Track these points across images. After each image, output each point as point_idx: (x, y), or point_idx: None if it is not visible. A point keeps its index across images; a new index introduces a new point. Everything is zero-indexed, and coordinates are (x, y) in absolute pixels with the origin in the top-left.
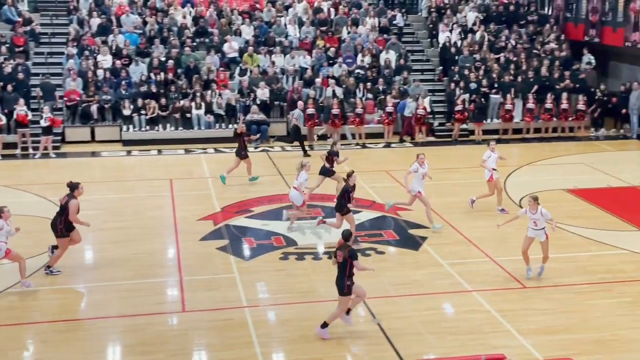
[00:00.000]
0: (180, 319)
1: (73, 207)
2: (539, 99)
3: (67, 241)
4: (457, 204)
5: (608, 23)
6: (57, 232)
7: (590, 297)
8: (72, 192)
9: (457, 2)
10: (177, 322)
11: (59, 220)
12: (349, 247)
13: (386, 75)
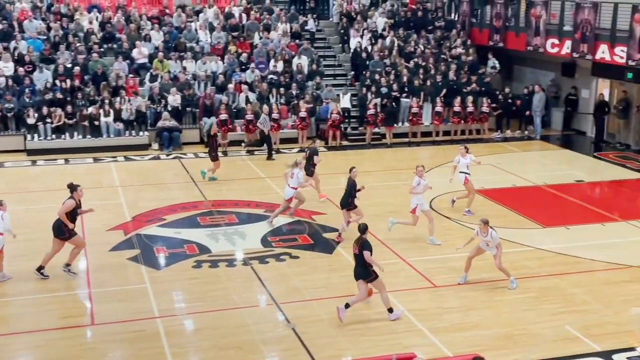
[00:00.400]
0: (90, 332)
1: (65, 206)
2: (447, 103)
3: (63, 244)
4: (370, 206)
5: (511, 28)
6: (62, 234)
7: (498, 293)
8: (72, 193)
9: (367, 8)
10: (87, 335)
11: (63, 224)
12: (362, 240)
13: (299, 80)
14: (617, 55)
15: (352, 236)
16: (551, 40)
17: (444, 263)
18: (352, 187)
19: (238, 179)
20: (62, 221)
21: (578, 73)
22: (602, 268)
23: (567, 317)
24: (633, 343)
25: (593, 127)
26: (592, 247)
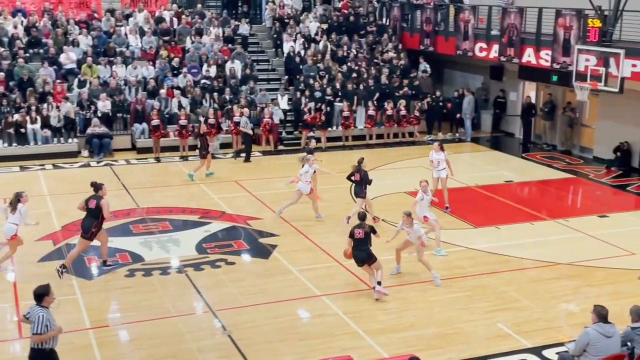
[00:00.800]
0: (18, 345)
1: (107, 206)
2: (380, 106)
3: (88, 244)
4: (307, 209)
5: (441, 33)
6: (87, 234)
7: (432, 294)
8: (97, 192)
9: (300, 12)
10: (14, 349)
11: (94, 224)
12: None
13: (232, 85)
14: (542, 59)
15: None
16: (479, 45)
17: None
18: (365, 177)
19: (172, 185)
20: (96, 222)
21: (506, 76)
22: (531, 266)
23: (499, 315)
24: (562, 338)
25: (521, 129)
26: (521, 246)
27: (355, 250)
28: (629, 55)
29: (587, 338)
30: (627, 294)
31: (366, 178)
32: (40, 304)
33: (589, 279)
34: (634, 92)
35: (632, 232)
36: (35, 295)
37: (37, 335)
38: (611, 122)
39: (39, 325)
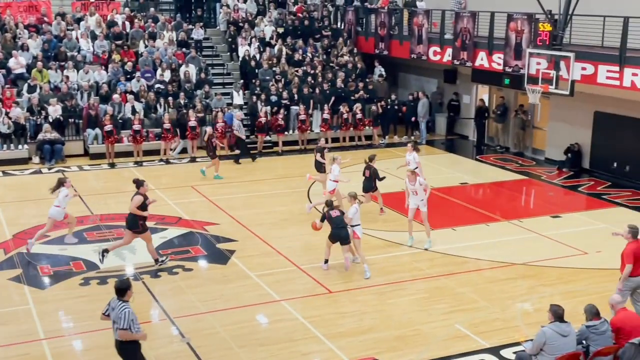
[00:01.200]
0: None
1: (135, 201)
2: (335, 110)
3: (149, 234)
4: (264, 214)
5: (395, 37)
6: (137, 228)
7: (391, 296)
8: (139, 188)
9: (254, 16)
10: None
11: (137, 217)
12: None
13: (187, 89)
14: (494, 62)
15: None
16: (433, 48)
17: (338, 269)
18: (375, 174)
19: (127, 192)
20: (136, 215)
21: (459, 80)
22: (487, 267)
23: (457, 316)
24: (519, 338)
25: (474, 132)
26: (477, 247)
27: (336, 229)
28: (579, 58)
29: (544, 337)
30: (580, 293)
31: (376, 174)
32: (122, 298)
33: (543, 278)
34: (584, 95)
35: (584, 232)
36: (117, 289)
37: (123, 331)
38: (562, 124)
39: (125, 321)
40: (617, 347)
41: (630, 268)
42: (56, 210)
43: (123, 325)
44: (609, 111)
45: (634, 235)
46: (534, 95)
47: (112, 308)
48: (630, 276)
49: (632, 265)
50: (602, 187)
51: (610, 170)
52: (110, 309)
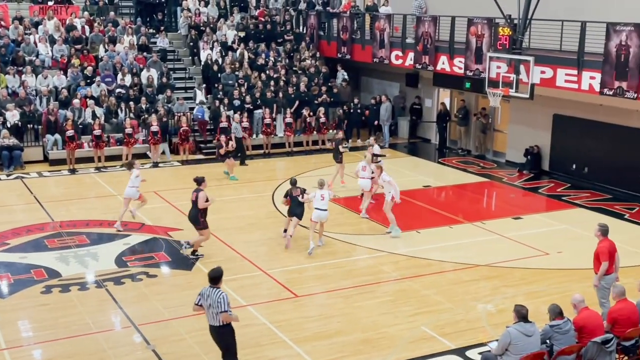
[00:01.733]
0: None
1: (202, 198)
2: (299, 114)
3: (208, 231)
4: (228, 220)
5: (357, 41)
6: (199, 224)
7: (356, 299)
8: (199, 185)
9: (216, 20)
10: None
11: (199, 213)
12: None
13: (149, 94)
14: (455, 66)
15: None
16: (395, 52)
17: (304, 273)
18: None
19: (88, 198)
20: (200, 211)
21: (421, 83)
22: (451, 269)
23: (422, 317)
24: (483, 339)
25: (436, 135)
26: (441, 249)
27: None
28: (538, 62)
29: (509, 337)
30: (542, 293)
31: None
32: (216, 286)
33: (506, 279)
34: (543, 98)
35: (545, 233)
36: (212, 278)
37: (225, 314)
38: (522, 126)
39: (225, 304)
40: (580, 346)
41: (607, 265)
42: (132, 191)
43: (224, 308)
44: (567, 114)
45: (603, 233)
46: (495, 98)
47: (205, 296)
48: (612, 273)
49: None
50: (562, 188)
51: (569, 172)
52: (203, 298)
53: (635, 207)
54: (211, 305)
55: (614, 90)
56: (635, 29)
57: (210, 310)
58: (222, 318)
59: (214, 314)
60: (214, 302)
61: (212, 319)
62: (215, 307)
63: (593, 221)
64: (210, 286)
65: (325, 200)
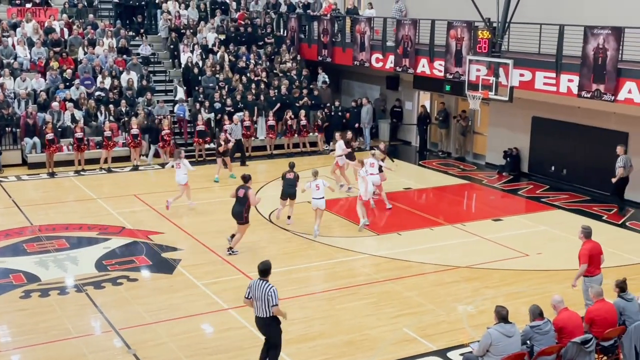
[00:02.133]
0: None
1: (252, 195)
2: (280, 117)
3: (247, 226)
4: (209, 222)
5: (338, 44)
6: (242, 219)
7: (340, 301)
8: (247, 182)
9: (196, 22)
10: None
11: (244, 209)
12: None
13: (129, 96)
14: (436, 69)
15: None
16: (376, 55)
17: (285, 275)
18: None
19: (67, 201)
20: (244, 207)
21: (401, 86)
22: (432, 270)
23: (405, 319)
24: (464, 340)
25: (417, 137)
26: (422, 251)
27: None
28: (517, 65)
29: (490, 338)
30: (522, 294)
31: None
32: (265, 278)
33: (487, 280)
34: (522, 100)
35: (525, 235)
36: (262, 270)
37: (276, 307)
38: (501, 129)
39: (276, 298)
40: (559, 347)
41: (585, 267)
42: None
43: (275, 302)
44: (546, 116)
45: (586, 235)
46: (474, 101)
47: (254, 289)
48: (591, 275)
49: (588, 264)
50: (541, 190)
51: (548, 174)
52: (252, 290)
53: (613, 208)
54: (260, 298)
55: (591, 92)
56: (612, 32)
57: (258, 302)
58: (274, 311)
59: (263, 306)
60: (264, 295)
61: (260, 311)
62: (265, 301)
63: (572, 223)
64: (259, 279)
65: (321, 190)
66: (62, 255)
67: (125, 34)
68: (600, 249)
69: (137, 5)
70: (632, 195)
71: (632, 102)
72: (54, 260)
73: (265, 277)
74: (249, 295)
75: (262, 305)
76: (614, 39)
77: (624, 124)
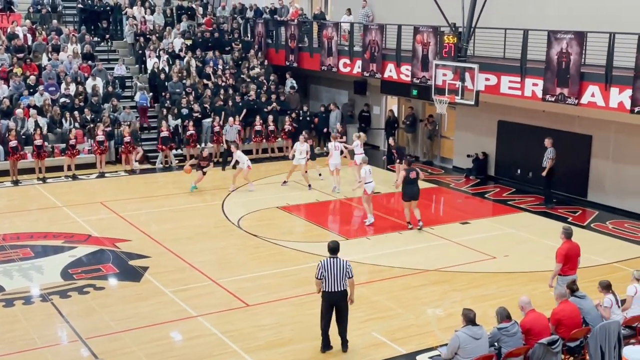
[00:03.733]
0: None
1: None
2: (249, 122)
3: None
4: (177, 229)
5: (305, 49)
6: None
7: (308, 307)
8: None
9: (163, 28)
10: None
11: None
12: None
13: (94, 103)
14: (403, 74)
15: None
16: (343, 60)
17: (255, 281)
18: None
19: (32, 210)
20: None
21: (369, 91)
22: (401, 274)
23: (374, 324)
24: (433, 343)
25: (385, 142)
26: (391, 255)
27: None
28: (483, 69)
29: (458, 341)
30: (490, 296)
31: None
32: (336, 256)
33: (455, 283)
34: (488, 104)
35: (492, 237)
36: (332, 249)
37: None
38: (468, 133)
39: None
40: (527, 348)
41: (559, 267)
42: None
43: (352, 274)
44: (511, 120)
45: (567, 236)
46: (441, 105)
47: (327, 267)
48: (564, 274)
49: (563, 264)
50: (507, 193)
51: (514, 177)
52: (324, 269)
53: (578, 210)
54: (335, 273)
55: (555, 96)
56: (575, 36)
57: (332, 278)
58: (350, 283)
59: (338, 280)
60: (342, 269)
61: (334, 286)
62: (345, 275)
63: (538, 225)
64: (330, 257)
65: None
66: (27, 265)
67: (90, 39)
68: (578, 250)
69: (101, 10)
70: (595, 197)
71: (595, 106)
72: (18, 269)
73: (335, 254)
74: (321, 275)
75: (337, 279)
76: (577, 43)
77: (588, 127)
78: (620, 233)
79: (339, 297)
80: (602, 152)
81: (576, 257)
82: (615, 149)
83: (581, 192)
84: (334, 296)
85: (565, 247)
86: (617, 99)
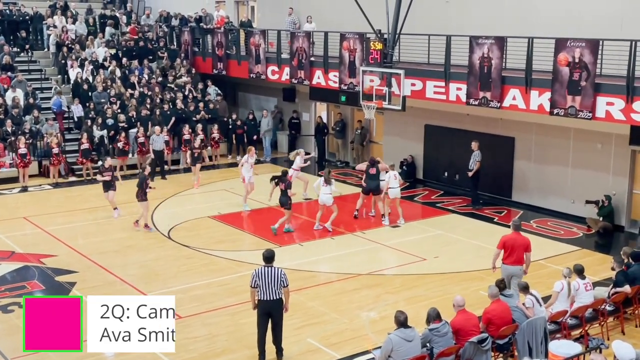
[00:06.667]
0: None
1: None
2: (177, 131)
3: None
4: (105, 242)
5: (232, 57)
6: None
7: (242, 316)
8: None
9: (85, 37)
10: None
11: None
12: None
13: (15, 115)
14: (331, 80)
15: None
16: (271, 68)
17: (187, 293)
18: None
19: None
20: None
21: (298, 98)
22: (335, 279)
23: (308, 329)
24: (368, 347)
25: (316, 148)
26: (324, 260)
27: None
28: (408, 75)
29: (391, 344)
30: (422, 297)
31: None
32: (271, 264)
33: (388, 286)
34: (415, 109)
35: (422, 240)
36: (267, 257)
37: (287, 288)
38: (396, 138)
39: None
40: (458, 347)
41: (497, 252)
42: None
43: (288, 283)
44: (438, 124)
45: (514, 228)
46: (369, 111)
47: (261, 275)
48: (504, 263)
49: (503, 252)
50: (436, 195)
51: (441, 180)
52: (258, 278)
53: (504, 210)
54: (270, 282)
55: (479, 100)
56: (495, 41)
57: (267, 287)
58: (285, 292)
59: (273, 289)
60: (276, 278)
61: (268, 295)
62: (280, 284)
63: (466, 226)
64: (264, 266)
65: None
66: None
67: (9, 50)
68: (522, 242)
69: (20, 20)
70: (519, 197)
71: (517, 108)
72: None
73: (270, 263)
74: (255, 284)
75: (272, 288)
76: (498, 48)
77: (511, 129)
78: (543, 231)
79: (273, 305)
80: (524, 154)
81: (518, 247)
82: (536, 150)
83: (506, 193)
84: (269, 305)
85: (507, 237)
86: (537, 101)
